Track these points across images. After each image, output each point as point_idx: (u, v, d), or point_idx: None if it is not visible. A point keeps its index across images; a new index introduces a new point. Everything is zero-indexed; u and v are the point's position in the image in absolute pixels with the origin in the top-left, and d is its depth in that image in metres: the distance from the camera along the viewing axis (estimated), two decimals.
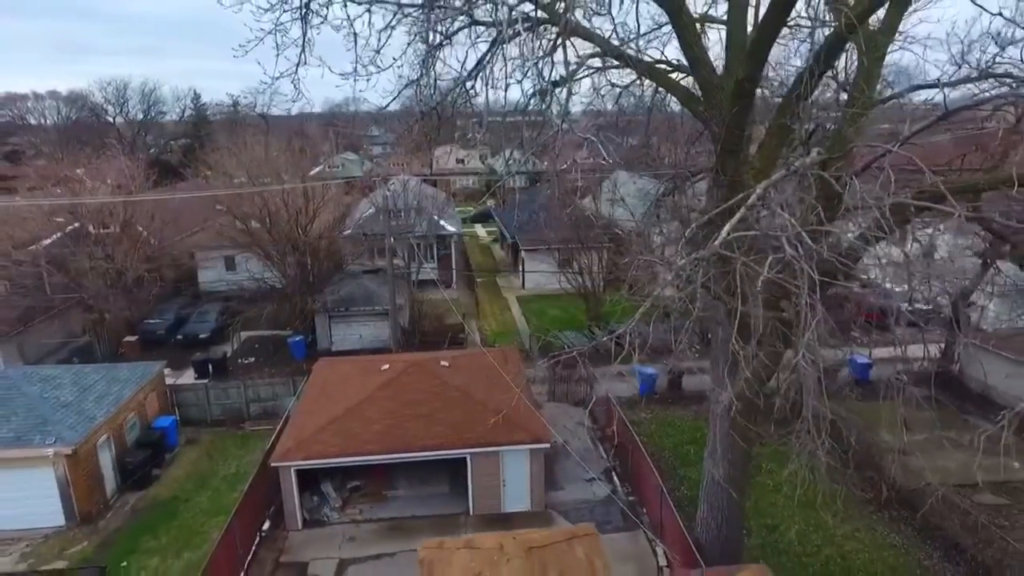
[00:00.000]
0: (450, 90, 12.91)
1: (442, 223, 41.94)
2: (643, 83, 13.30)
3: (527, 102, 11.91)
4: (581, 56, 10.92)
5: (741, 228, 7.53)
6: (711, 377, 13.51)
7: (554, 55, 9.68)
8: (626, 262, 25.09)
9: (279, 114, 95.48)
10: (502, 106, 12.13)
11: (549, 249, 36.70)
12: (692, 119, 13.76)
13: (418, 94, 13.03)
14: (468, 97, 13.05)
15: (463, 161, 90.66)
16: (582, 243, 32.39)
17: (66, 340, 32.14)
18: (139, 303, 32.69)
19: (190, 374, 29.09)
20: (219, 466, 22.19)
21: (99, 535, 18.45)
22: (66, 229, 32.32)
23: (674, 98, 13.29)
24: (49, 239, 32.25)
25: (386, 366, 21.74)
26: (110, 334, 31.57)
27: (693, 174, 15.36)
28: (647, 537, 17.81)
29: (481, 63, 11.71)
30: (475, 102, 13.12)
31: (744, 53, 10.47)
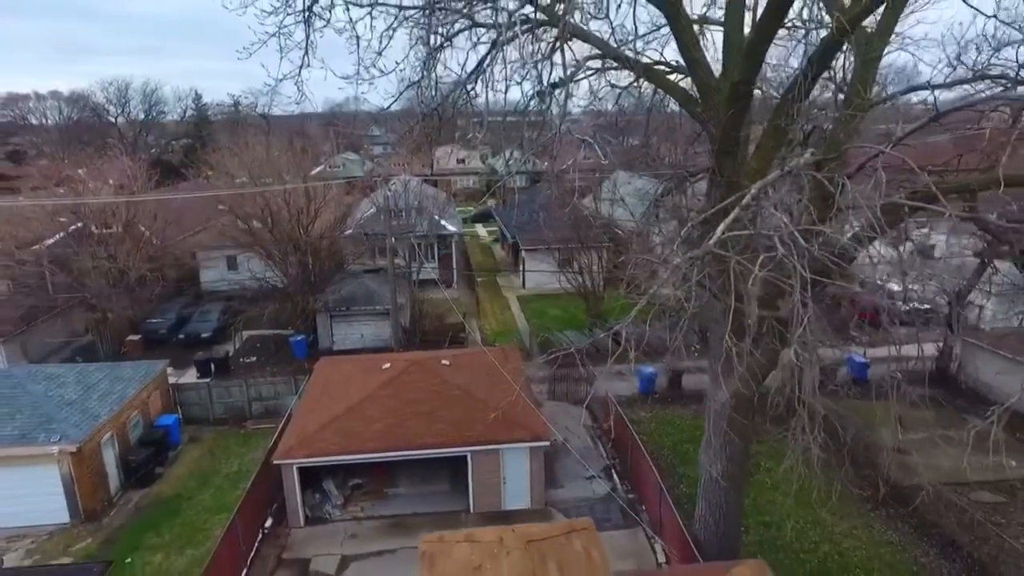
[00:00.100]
0: (451, 91, 13.05)
1: (443, 223, 42.08)
2: (641, 84, 13.43)
3: (527, 103, 12.04)
4: (580, 59, 11.06)
5: (736, 228, 7.67)
6: (709, 375, 13.65)
7: (553, 57, 9.82)
8: (622, 261, 25.24)
9: (280, 114, 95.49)
10: (502, 107, 12.31)
11: (549, 249, 36.74)
12: (691, 119, 13.86)
13: (419, 95, 13.17)
14: (469, 98, 13.18)
15: (464, 161, 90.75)
16: (582, 243, 32.52)
17: (69, 339, 32.30)
18: (141, 302, 32.89)
19: (192, 373, 29.25)
20: (221, 464, 22.36)
21: (103, 532, 18.63)
22: (69, 229, 32.48)
23: (673, 99, 13.42)
24: (52, 239, 32.43)
25: (387, 365, 21.88)
26: (113, 333, 31.73)
27: (692, 174, 15.50)
28: (646, 534, 17.96)
29: (481, 65, 11.85)
30: (476, 103, 13.25)
31: (740, 55, 10.61)
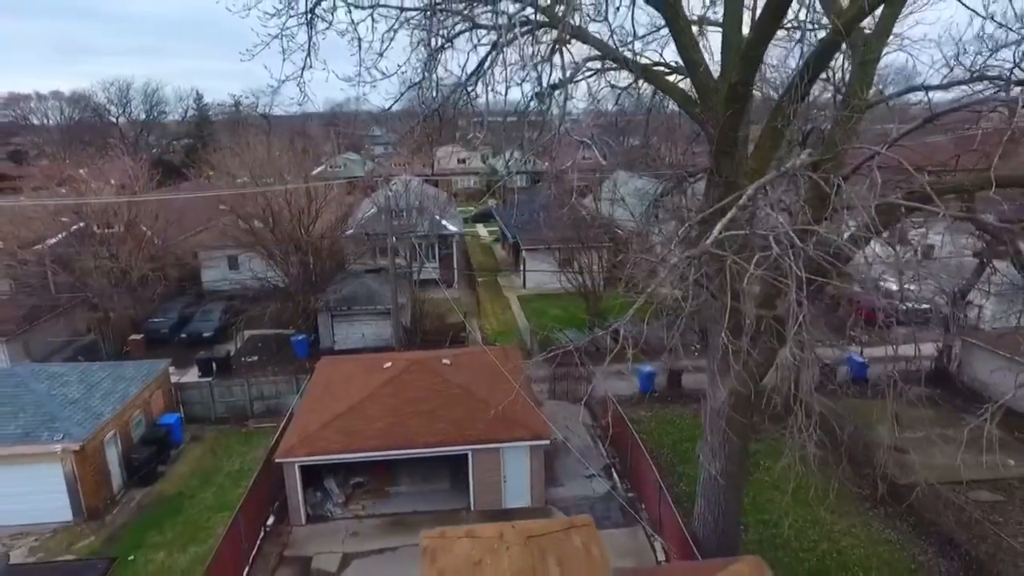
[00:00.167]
0: (452, 92, 13.14)
1: (444, 223, 42.18)
2: (640, 85, 13.52)
3: (527, 104, 12.13)
4: (579, 62, 11.15)
5: (733, 227, 7.77)
6: (708, 374, 13.75)
7: (552, 59, 9.92)
8: (620, 260, 25.34)
9: (281, 114, 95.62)
10: (503, 107, 12.40)
11: (550, 249, 36.81)
12: (691, 120, 13.95)
13: (420, 96, 13.26)
14: (469, 99, 13.28)
15: (465, 161, 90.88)
16: (582, 243, 32.62)
17: (71, 339, 32.44)
18: (143, 302, 33.01)
19: (194, 372, 29.36)
20: (223, 463, 22.46)
21: (106, 530, 18.74)
22: (71, 229, 32.63)
23: (672, 100, 13.51)
24: (54, 239, 32.58)
25: (388, 364, 21.98)
26: (115, 333, 31.84)
27: (691, 174, 15.59)
28: (646, 532, 18.06)
29: (481, 66, 11.94)
30: (476, 104, 13.35)
31: (739, 56, 10.70)
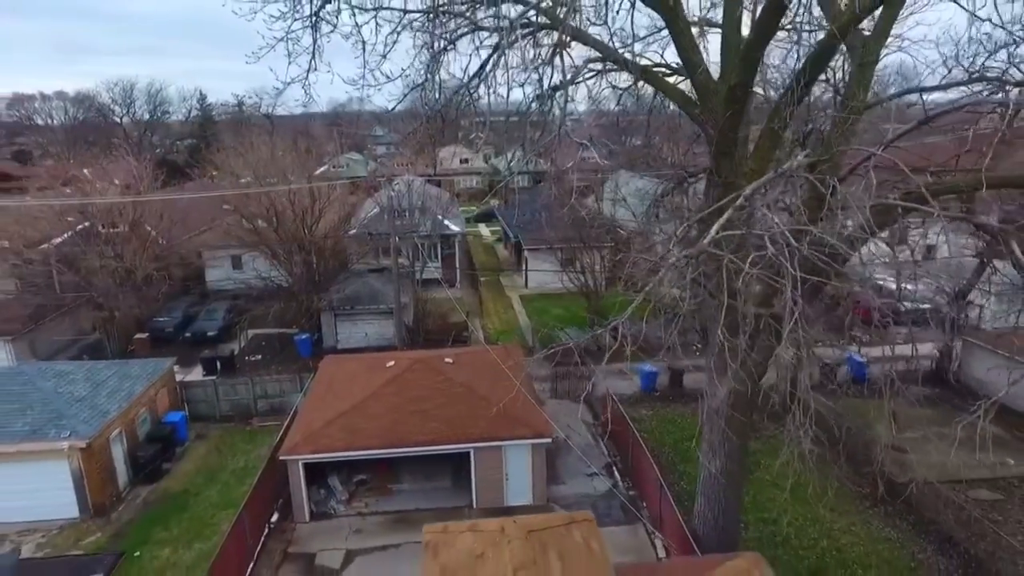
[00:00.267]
0: (454, 93, 13.29)
1: (446, 223, 42.33)
2: (641, 86, 13.65)
3: (528, 106, 12.27)
4: (578, 65, 11.29)
5: (730, 228, 7.90)
6: (706, 372, 13.87)
7: (553, 61, 10.06)
8: (619, 259, 25.47)
9: (284, 114, 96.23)
10: (505, 108, 12.53)
11: (552, 248, 36.95)
12: (691, 120, 14.06)
13: (423, 97, 13.41)
14: (472, 100, 13.43)
15: (467, 161, 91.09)
16: (584, 242, 32.76)
17: (76, 337, 32.67)
18: (148, 301, 33.23)
19: (199, 371, 29.57)
20: (228, 461, 22.65)
21: (112, 526, 18.94)
22: (76, 228, 32.87)
23: (672, 101, 13.64)
24: (60, 238, 32.82)
25: (391, 363, 22.14)
26: (120, 332, 32.08)
27: (691, 174, 15.72)
28: (647, 530, 18.20)
29: (484, 68, 12.08)
30: (479, 104, 13.49)
31: (738, 58, 10.83)
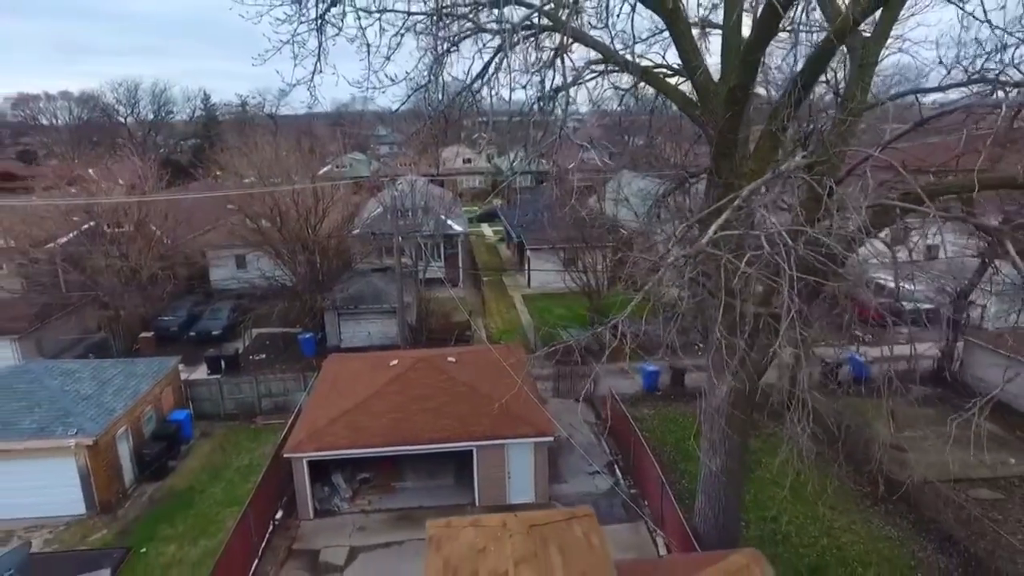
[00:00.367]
0: (457, 94, 13.43)
1: (449, 222, 42.47)
2: (642, 87, 13.76)
3: (531, 107, 12.40)
4: (578, 68, 11.41)
5: (728, 228, 8.02)
6: (706, 371, 13.98)
7: (555, 63, 10.18)
8: (619, 259, 25.56)
9: (287, 113, 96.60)
10: (508, 108, 12.66)
11: (554, 248, 37.07)
12: (692, 121, 14.17)
13: (426, 98, 13.56)
14: (475, 101, 13.56)
15: (470, 161, 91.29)
16: (586, 242, 32.88)
17: (82, 336, 32.91)
18: (153, 300, 33.46)
19: (203, 370, 29.75)
20: (232, 458, 22.82)
21: (118, 523, 19.13)
22: (82, 228, 33.09)
23: (672, 102, 13.76)
24: (65, 238, 33.06)
25: (394, 362, 22.28)
26: (125, 330, 32.30)
27: (692, 175, 15.83)
28: (648, 528, 18.33)
29: (486, 70, 12.22)
30: (481, 105, 13.62)
31: (738, 60, 10.95)
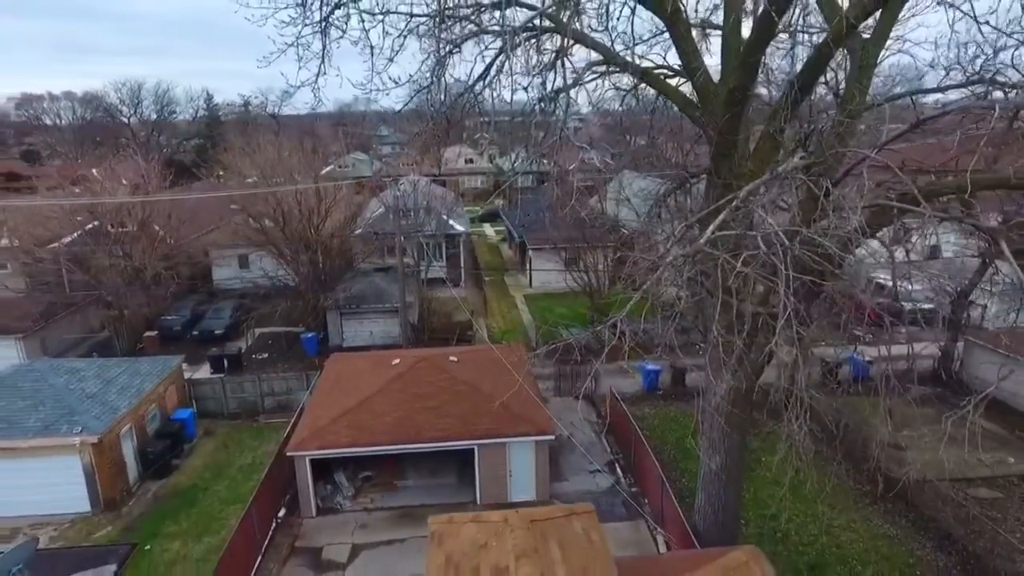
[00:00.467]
0: (459, 95, 13.55)
1: (451, 222, 42.60)
2: (642, 88, 13.87)
3: (532, 107, 12.52)
4: (578, 70, 11.52)
5: (726, 228, 8.13)
6: (705, 369, 14.11)
7: (556, 65, 10.30)
8: (619, 258, 25.66)
9: (290, 113, 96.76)
10: (510, 108, 12.78)
11: (555, 248, 37.18)
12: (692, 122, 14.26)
13: (429, 99, 13.68)
14: (477, 102, 13.69)
15: (472, 161, 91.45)
16: (587, 242, 33.00)
17: (86, 335, 33.10)
18: (156, 300, 33.66)
19: (206, 369, 29.92)
20: (235, 457, 22.98)
21: (123, 520, 19.29)
22: (86, 228, 33.28)
23: (673, 103, 13.86)
24: (69, 237, 33.25)
25: (396, 361, 22.40)
26: (128, 330, 32.48)
27: (694, 175, 15.92)
28: (648, 526, 18.44)
29: (488, 71, 12.33)
30: (484, 105, 13.74)
31: (737, 61, 11.05)
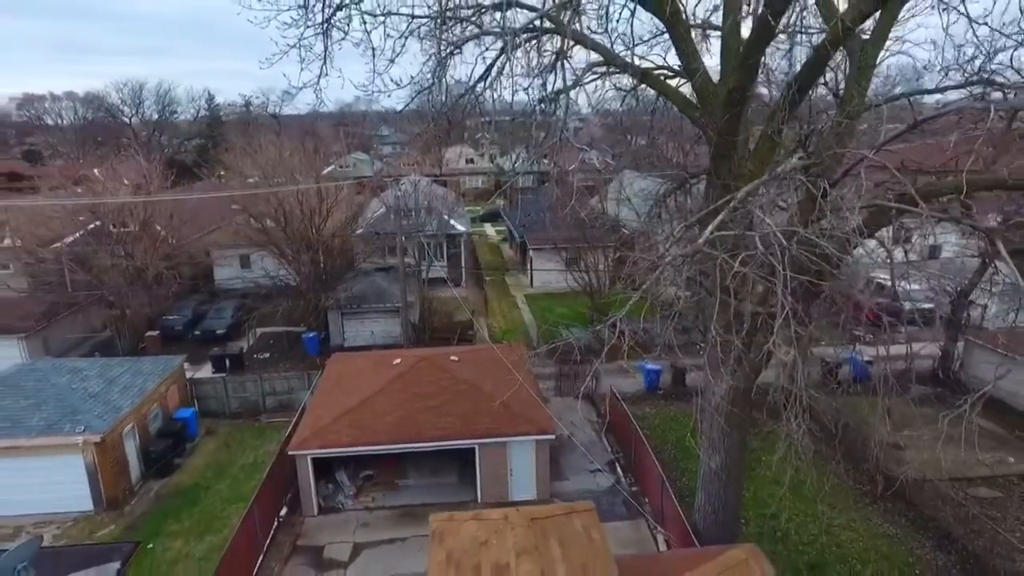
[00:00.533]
0: (460, 96, 13.62)
1: (452, 222, 42.67)
2: (642, 88, 13.93)
3: (533, 108, 12.58)
4: (579, 71, 11.58)
5: (725, 228, 8.19)
6: (704, 368, 14.17)
7: (557, 66, 10.36)
8: (618, 258, 25.72)
9: (291, 113, 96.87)
10: (511, 108, 12.83)
11: (556, 248, 37.24)
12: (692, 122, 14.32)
13: (430, 100, 13.75)
14: (477, 102, 13.75)
15: (473, 161, 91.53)
16: (588, 242, 33.06)
17: (88, 335, 33.18)
18: (158, 299, 33.75)
19: (208, 368, 30.00)
20: (237, 456, 23.06)
21: (125, 519, 19.38)
22: (88, 228, 33.37)
23: (672, 103, 13.93)
24: (71, 237, 33.34)
25: (398, 360, 22.48)
26: (130, 329, 32.57)
27: (694, 175, 15.98)
28: (648, 525, 18.50)
29: (489, 72, 12.40)
30: (484, 105, 13.80)
31: (736, 62, 11.11)
